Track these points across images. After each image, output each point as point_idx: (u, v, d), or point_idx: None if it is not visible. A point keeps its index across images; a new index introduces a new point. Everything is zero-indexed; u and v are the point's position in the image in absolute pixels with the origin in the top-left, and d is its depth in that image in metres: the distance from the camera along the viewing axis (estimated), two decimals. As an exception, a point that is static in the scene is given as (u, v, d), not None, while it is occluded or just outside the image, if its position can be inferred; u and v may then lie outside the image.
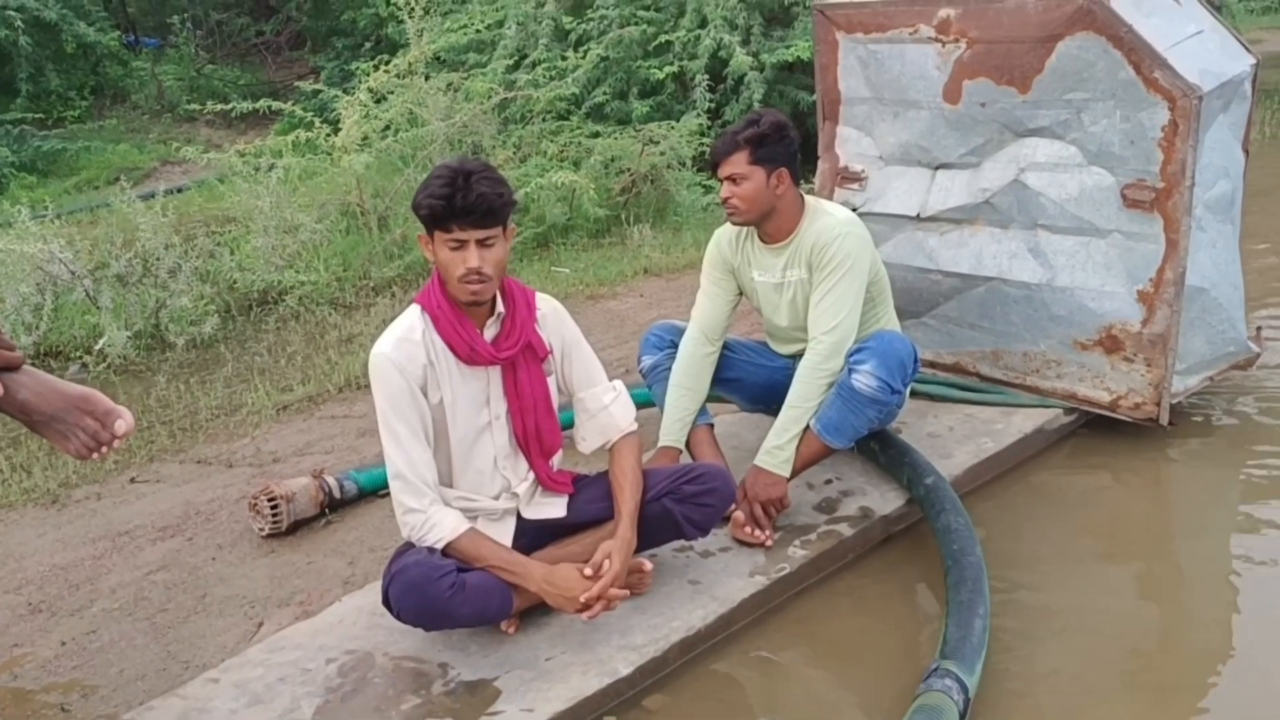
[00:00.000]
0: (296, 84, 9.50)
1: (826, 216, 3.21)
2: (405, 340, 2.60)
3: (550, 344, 2.78)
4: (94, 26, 11.75)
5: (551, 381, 2.81)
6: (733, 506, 3.03)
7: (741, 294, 3.44)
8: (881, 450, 3.41)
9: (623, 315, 5.58)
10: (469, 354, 2.62)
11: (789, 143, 3.16)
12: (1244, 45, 3.73)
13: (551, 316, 2.80)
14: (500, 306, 2.67)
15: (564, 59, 8.23)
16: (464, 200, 2.45)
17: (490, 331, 2.67)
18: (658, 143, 7.50)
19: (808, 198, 3.29)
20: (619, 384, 2.91)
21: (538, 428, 2.75)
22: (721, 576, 2.93)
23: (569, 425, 2.92)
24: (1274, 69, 11.71)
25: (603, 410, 2.84)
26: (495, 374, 2.69)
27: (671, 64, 8.39)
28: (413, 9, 7.45)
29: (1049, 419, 3.71)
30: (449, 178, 2.47)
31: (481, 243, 2.51)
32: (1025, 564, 3.07)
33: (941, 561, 2.86)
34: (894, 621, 2.92)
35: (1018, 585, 2.96)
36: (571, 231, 7.20)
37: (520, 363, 2.70)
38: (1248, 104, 3.69)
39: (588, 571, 2.61)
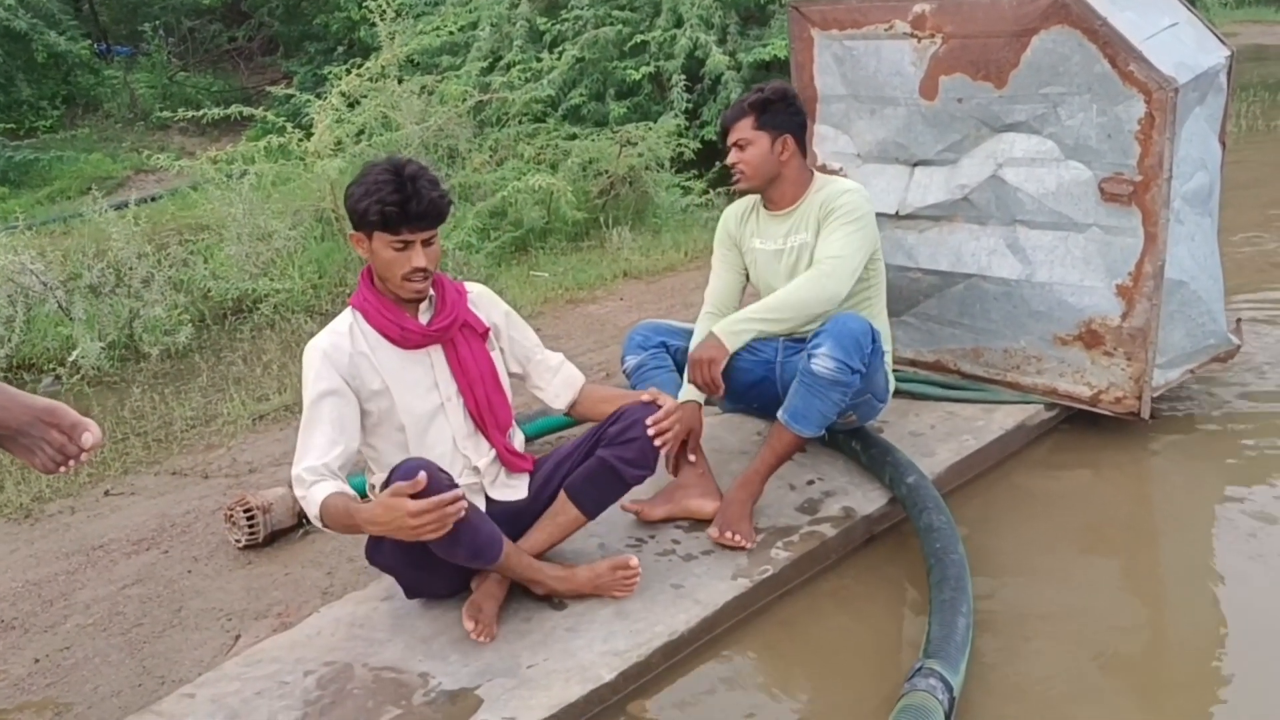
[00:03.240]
0: (269, 89, 9.41)
1: (838, 182, 3.33)
2: (332, 332, 2.70)
3: (488, 322, 2.86)
4: (65, 35, 11.58)
5: (497, 358, 2.87)
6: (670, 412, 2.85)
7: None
8: (863, 449, 3.39)
9: (602, 319, 5.55)
10: (400, 335, 2.69)
11: (795, 111, 3.27)
12: (1219, 38, 3.73)
13: (484, 296, 2.91)
14: (430, 291, 2.74)
15: (539, 60, 8.19)
16: (418, 206, 2.55)
17: (424, 317, 2.75)
18: (635, 144, 7.46)
19: (819, 173, 3.39)
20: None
21: (489, 401, 2.82)
22: (704, 580, 2.91)
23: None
24: (1249, 62, 11.80)
25: (562, 364, 3.00)
26: (438, 355, 2.76)
27: (648, 64, 8.35)
28: (384, 11, 7.39)
29: (1030, 415, 3.70)
30: (396, 182, 2.54)
31: (426, 242, 2.62)
32: (1009, 561, 3.06)
33: (924, 560, 2.85)
34: (878, 622, 2.90)
35: (1002, 583, 2.95)
36: (550, 235, 7.15)
37: (459, 340, 2.77)
38: (1224, 96, 3.70)
39: (645, 397, 2.83)
